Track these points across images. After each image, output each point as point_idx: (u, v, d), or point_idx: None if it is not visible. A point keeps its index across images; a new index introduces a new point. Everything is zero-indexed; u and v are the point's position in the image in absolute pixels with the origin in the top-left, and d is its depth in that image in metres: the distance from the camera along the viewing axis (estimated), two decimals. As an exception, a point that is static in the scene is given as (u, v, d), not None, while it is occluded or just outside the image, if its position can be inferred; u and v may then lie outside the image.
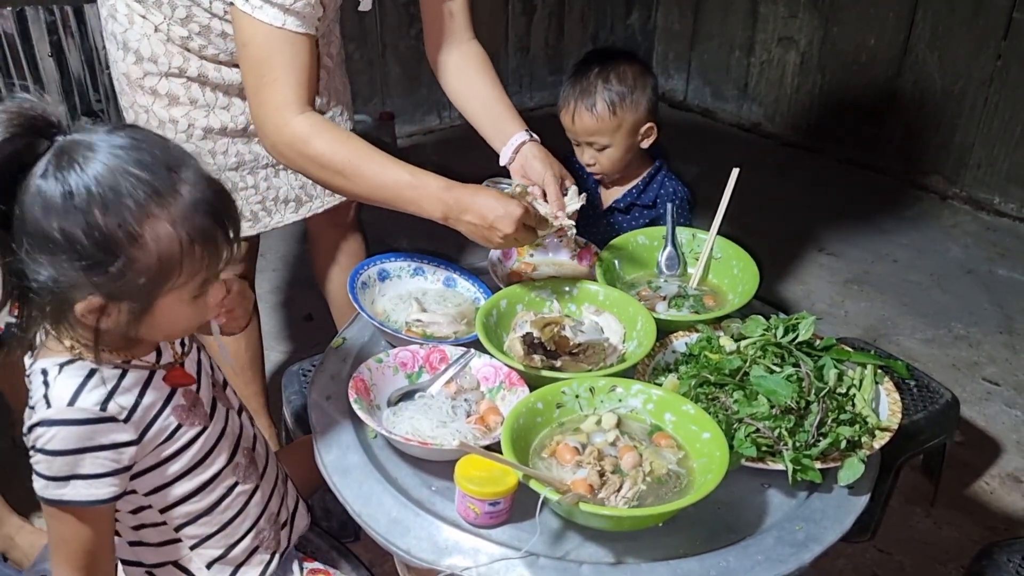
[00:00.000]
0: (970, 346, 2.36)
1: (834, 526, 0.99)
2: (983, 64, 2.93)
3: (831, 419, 1.03)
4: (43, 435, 0.86)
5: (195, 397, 0.99)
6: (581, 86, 1.59)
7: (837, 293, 2.61)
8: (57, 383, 0.88)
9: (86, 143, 0.81)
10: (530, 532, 0.94)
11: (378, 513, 0.99)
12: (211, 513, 1.01)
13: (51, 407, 0.86)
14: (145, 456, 0.93)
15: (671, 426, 1.05)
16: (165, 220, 0.82)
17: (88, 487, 0.88)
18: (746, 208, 3.09)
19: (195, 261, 0.85)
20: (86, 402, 0.87)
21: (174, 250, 0.83)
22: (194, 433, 0.97)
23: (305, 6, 1.19)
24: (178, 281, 0.85)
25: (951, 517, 1.80)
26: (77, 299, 0.82)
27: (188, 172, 0.85)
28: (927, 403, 1.61)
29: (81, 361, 0.89)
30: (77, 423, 0.86)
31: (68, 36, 2.76)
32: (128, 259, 0.81)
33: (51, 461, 0.86)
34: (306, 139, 1.20)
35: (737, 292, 1.35)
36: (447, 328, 1.26)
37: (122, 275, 0.81)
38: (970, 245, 2.88)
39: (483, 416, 1.11)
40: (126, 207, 0.80)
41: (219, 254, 0.87)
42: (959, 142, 3.09)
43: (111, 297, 0.83)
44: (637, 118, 1.60)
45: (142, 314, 0.86)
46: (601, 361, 1.17)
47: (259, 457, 1.09)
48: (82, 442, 0.87)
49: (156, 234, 0.82)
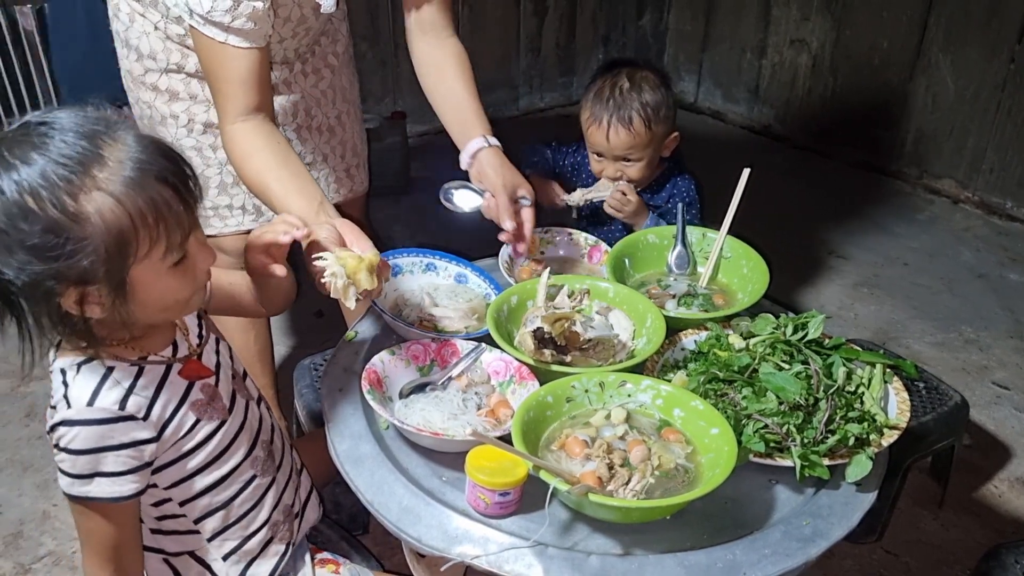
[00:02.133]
0: (980, 350, 2.36)
1: (841, 522, 0.99)
2: (997, 68, 2.92)
3: (839, 416, 1.03)
4: (65, 434, 0.88)
5: (213, 391, 1.00)
6: (615, 100, 1.56)
7: (847, 296, 2.61)
8: (76, 383, 0.89)
9: (11, 137, 0.81)
10: (539, 522, 0.95)
11: (390, 502, 1.00)
12: (228, 506, 1.03)
13: (71, 407, 0.88)
14: (165, 451, 0.95)
15: (680, 421, 1.06)
16: (101, 191, 0.80)
17: (111, 484, 0.90)
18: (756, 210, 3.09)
19: (150, 227, 0.82)
20: (105, 401, 0.88)
21: (122, 220, 0.80)
22: (212, 427, 0.98)
23: (246, 22, 1.20)
24: (140, 252, 0.82)
25: (959, 520, 1.80)
26: (56, 291, 0.81)
27: (119, 134, 0.82)
28: (936, 405, 1.61)
29: (97, 360, 0.89)
30: (97, 422, 0.88)
31: (86, 33, 2.79)
32: (76, 239, 0.79)
33: (74, 460, 0.88)
34: (230, 148, 1.25)
35: (746, 291, 1.36)
36: (458, 323, 1.28)
37: (78, 256, 0.79)
38: (981, 249, 2.87)
39: (493, 409, 1.12)
40: (56, 187, 0.78)
41: (177, 216, 0.84)
42: (972, 146, 3.08)
43: (81, 282, 0.81)
44: (667, 129, 1.60)
45: (121, 294, 0.84)
46: (611, 357, 1.18)
47: (276, 450, 1.10)
48: (103, 440, 0.88)
49: (97, 207, 0.79)
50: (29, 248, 0.79)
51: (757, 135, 3.73)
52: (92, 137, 0.81)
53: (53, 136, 0.80)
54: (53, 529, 1.72)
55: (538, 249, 1.51)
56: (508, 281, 1.37)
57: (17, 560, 1.66)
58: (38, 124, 0.82)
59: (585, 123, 1.62)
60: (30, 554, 1.67)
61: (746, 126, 3.78)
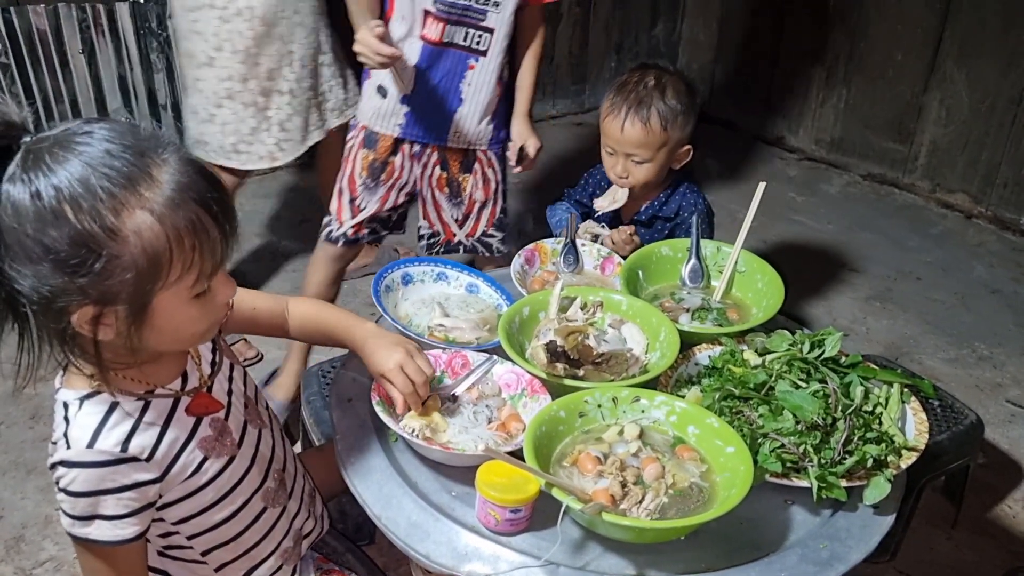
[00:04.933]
0: (994, 367, 2.33)
1: (859, 546, 0.98)
2: (1013, 82, 2.89)
3: (857, 437, 1.02)
4: (65, 475, 0.84)
5: (223, 425, 0.96)
6: (637, 95, 1.55)
7: (859, 310, 2.58)
8: (77, 420, 0.85)
9: (53, 141, 0.76)
10: (551, 541, 0.93)
11: (398, 517, 0.99)
12: (237, 539, 1.00)
13: (71, 448, 0.84)
14: (171, 490, 0.91)
15: (694, 439, 1.04)
16: (144, 209, 0.76)
17: (112, 527, 0.86)
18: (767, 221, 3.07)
19: (185, 252, 0.78)
20: (106, 443, 0.84)
21: (160, 241, 0.76)
22: (221, 465, 0.95)
23: None
24: (171, 277, 0.79)
25: (973, 540, 1.77)
26: (70, 309, 0.77)
27: (167, 156, 0.79)
28: (951, 424, 1.58)
29: (102, 395, 0.85)
30: (97, 465, 0.84)
31: (100, 35, 2.80)
32: (110, 256, 0.75)
33: (74, 502, 0.85)
34: None
35: (761, 306, 1.34)
36: (469, 334, 1.26)
37: (107, 274, 0.75)
38: (995, 265, 2.84)
39: (504, 423, 1.11)
40: (99, 200, 0.74)
41: (213, 244, 0.80)
42: (986, 160, 3.05)
43: (102, 301, 0.77)
44: (682, 138, 1.58)
45: (140, 318, 0.80)
46: (624, 371, 1.16)
47: (288, 476, 1.07)
48: (103, 483, 0.85)
49: (136, 226, 0.75)
50: (54, 259, 0.74)
51: (769, 146, 3.71)
52: (142, 154, 0.77)
53: (97, 145, 0.76)
54: (56, 534, 1.71)
55: (551, 259, 1.49)
56: (520, 292, 1.35)
57: (19, 564, 1.65)
58: (82, 132, 0.77)
59: (603, 113, 1.60)
60: (32, 559, 1.66)
61: (758, 136, 3.77)
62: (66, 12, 2.71)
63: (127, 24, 2.83)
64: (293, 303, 1.17)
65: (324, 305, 1.22)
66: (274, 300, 1.18)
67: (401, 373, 1.05)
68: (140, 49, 2.89)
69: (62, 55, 2.76)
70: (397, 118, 1.75)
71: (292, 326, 1.17)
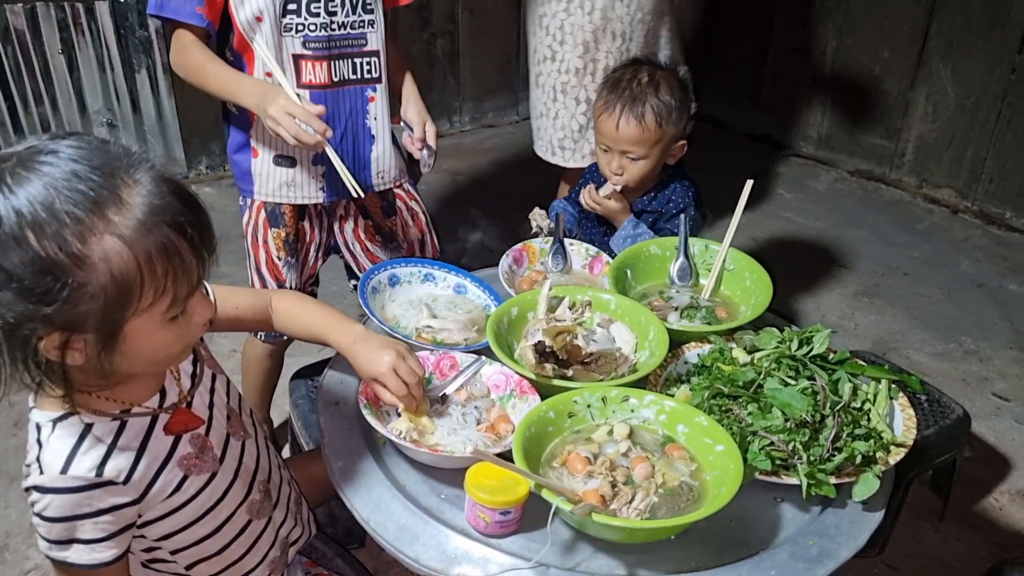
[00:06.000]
0: (980, 361, 2.35)
1: (848, 542, 0.98)
2: (998, 78, 2.91)
3: (846, 434, 1.02)
4: (39, 500, 0.82)
5: (204, 441, 0.94)
6: (631, 92, 1.55)
7: (847, 305, 2.59)
8: (50, 444, 0.82)
9: (16, 160, 0.72)
10: (541, 542, 0.93)
11: (387, 520, 0.98)
12: (222, 553, 0.98)
13: (44, 474, 0.81)
14: (151, 509, 0.90)
15: (684, 438, 1.04)
16: (113, 235, 0.71)
17: (89, 551, 0.84)
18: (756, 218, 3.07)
19: (157, 279, 0.74)
20: (79, 468, 0.81)
21: (129, 268, 0.72)
22: (202, 482, 0.93)
23: None
24: (143, 303, 0.75)
25: (960, 533, 1.78)
26: (38, 336, 0.73)
27: (139, 176, 0.74)
28: (938, 418, 1.59)
29: (75, 416, 0.82)
30: (72, 491, 0.81)
31: (79, 34, 2.77)
32: (76, 284, 0.71)
33: (49, 527, 0.82)
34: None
35: (750, 304, 1.34)
36: (458, 335, 1.26)
37: (74, 303, 0.71)
38: (981, 259, 2.86)
39: (493, 424, 1.10)
40: (63, 225, 0.70)
41: (187, 269, 0.76)
42: (972, 156, 3.07)
43: (69, 329, 0.73)
44: (676, 134, 1.58)
45: (111, 345, 0.76)
46: (613, 371, 1.16)
47: (274, 486, 1.06)
48: (79, 508, 0.82)
49: (104, 252, 0.71)
50: (17, 287, 0.70)
51: (758, 143, 3.72)
52: (112, 175, 0.73)
53: (63, 165, 0.71)
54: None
55: (539, 259, 1.49)
56: (508, 292, 1.35)
57: (2, 574, 1.63)
58: (47, 151, 0.73)
59: (597, 111, 1.60)
60: (16, 568, 1.64)
61: (747, 134, 3.77)
62: (44, 12, 2.68)
63: (107, 23, 2.79)
64: (276, 297, 1.16)
65: (309, 301, 1.18)
66: (256, 296, 1.16)
67: (394, 375, 1.04)
68: (121, 49, 2.86)
69: (41, 56, 2.73)
70: (316, 183, 1.53)
71: (276, 320, 1.15)
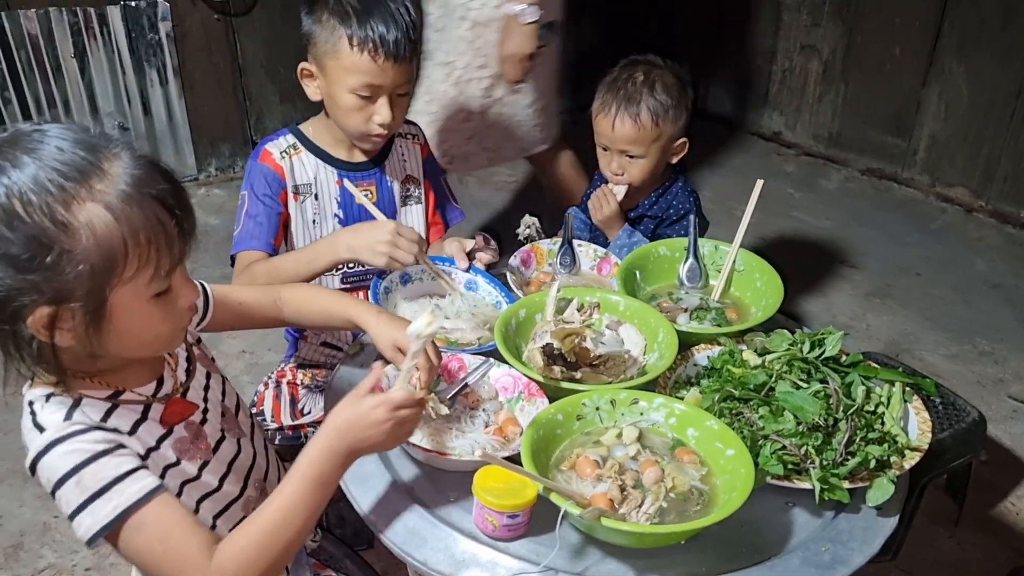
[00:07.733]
0: (995, 363, 2.32)
1: (862, 548, 0.96)
2: (1011, 76, 2.88)
3: (860, 437, 1.00)
4: (51, 461, 0.80)
5: (198, 429, 0.94)
6: (626, 91, 1.54)
7: (859, 306, 2.57)
8: (44, 411, 0.83)
9: (3, 141, 0.77)
10: (549, 546, 0.92)
11: (395, 523, 0.97)
12: None
13: (46, 431, 0.81)
14: None
15: (694, 441, 1.03)
16: (96, 202, 0.75)
17: (132, 483, 0.81)
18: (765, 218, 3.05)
19: (141, 246, 0.77)
20: (80, 417, 0.82)
21: (113, 234, 0.76)
22: (195, 468, 0.93)
23: None
24: (127, 272, 0.78)
25: (975, 538, 1.76)
26: (25, 311, 0.76)
27: (118, 151, 0.79)
28: (953, 421, 1.57)
29: (67, 395, 0.83)
30: (79, 432, 0.81)
31: (91, 38, 2.79)
32: (62, 251, 0.74)
33: (76, 484, 0.79)
34: None
35: (760, 305, 1.33)
36: (471, 335, 1.25)
37: (60, 270, 0.74)
38: (995, 259, 2.83)
39: (501, 426, 1.09)
40: (48, 194, 0.74)
41: (169, 238, 0.80)
42: (986, 154, 3.04)
43: (57, 300, 0.76)
44: (675, 132, 1.57)
45: (97, 319, 0.78)
46: (622, 373, 1.15)
47: (271, 486, 1.06)
48: (95, 446, 0.81)
49: (88, 219, 0.75)
50: (4, 255, 0.74)
51: (767, 141, 3.70)
52: (94, 149, 0.78)
53: (48, 142, 0.77)
54: (53, 541, 1.70)
55: (547, 260, 1.48)
56: (516, 294, 1.34)
57: (16, 573, 1.63)
58: (33, 131, 0.78)
59: (595, 111, 1.60)
60: (30, 567, 1.65)
61: (756, 132, 3.75)
62: (57, 16, 2.70)
63: (119, 27, 2.81)
64: (286, 290, 1.19)
65: (320, 289, 1.28)
66: (262, 291, 1.18)
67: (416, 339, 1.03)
68: (132, 52, 2.88)
69: (54, 59, 2.75)
70: None
71: (288, 311, 1.17)
